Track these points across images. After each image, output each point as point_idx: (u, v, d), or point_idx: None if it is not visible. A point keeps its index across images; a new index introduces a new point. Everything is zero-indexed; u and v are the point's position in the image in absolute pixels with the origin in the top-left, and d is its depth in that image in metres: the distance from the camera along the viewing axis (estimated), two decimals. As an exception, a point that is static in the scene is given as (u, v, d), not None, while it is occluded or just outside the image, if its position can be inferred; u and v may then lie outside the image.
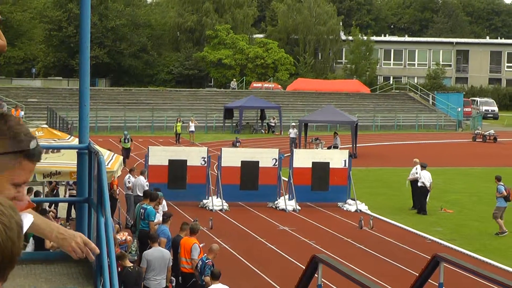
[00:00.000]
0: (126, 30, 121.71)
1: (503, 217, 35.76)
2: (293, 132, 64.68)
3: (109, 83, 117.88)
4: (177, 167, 39.14)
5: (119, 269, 15.28)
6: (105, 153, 21.57)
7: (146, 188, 31.68)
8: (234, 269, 20.37)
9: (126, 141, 50.74)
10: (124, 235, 24.36)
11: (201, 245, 21.79)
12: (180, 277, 21.79)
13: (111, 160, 27.17)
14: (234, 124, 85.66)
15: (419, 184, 39.16)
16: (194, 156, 40.40)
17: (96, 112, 76.75)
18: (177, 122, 72.60)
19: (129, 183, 33.32)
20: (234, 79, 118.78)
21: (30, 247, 20.76)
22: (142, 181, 32.80)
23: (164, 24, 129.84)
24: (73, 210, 31.58)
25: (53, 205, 32.35)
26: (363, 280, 21.70)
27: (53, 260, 10.28)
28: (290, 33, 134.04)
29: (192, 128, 72.55)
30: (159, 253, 20.19)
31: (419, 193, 39.28)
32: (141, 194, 31.16)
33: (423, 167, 39.77)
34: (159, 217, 25.77)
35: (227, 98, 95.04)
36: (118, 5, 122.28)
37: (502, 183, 35.24)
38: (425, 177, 38.99)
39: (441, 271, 23.49)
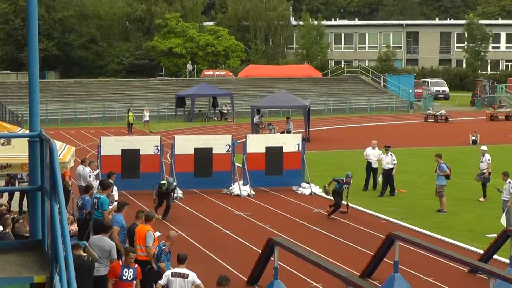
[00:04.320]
0: (74, 21, 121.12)
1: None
2: (256, 118, 64.65)
3: (59, 75, 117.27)
4: (130, 157, 39.06)
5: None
6: (57, 144, 21.47)
7: (89, 179, 31.71)
8: (191, 256, 20.43)
9: (167, 191, 33.38)
10: (75, 226, 24.35)
11: (156, 234, 21.77)
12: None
13: (63, 151, 27.09)
14: (187, 113, 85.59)
15: (386, 167, 39.54)
16: (147, 145, 40.37)
17: (47, 104, 76.31)
18: (128, 112, 72.52)
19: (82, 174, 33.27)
20: (190, 62, 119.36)
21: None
22: (85, 171, 32.66)
23: (113, 14, 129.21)
24: (25, 203, 31.52)
25: (7, 199, 32.14)
26: (319, 260, 21.89)
27: (6, 250, 10.29)
28: (240, 20, 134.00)
29: (147, 118, 72.72)
30: (100, 241, 20.16)
31: (387, 176, 39.63)
32: (85, 185, 31.21)
33: (387, 148, 40.20)
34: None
35: (179, 87, 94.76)
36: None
37: (443, 161, 35.71)
38: (387, 160, 39.42)
39: (396, 249, 23.76)
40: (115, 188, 28.80)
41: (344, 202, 34.19)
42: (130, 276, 17.85)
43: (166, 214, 32.40)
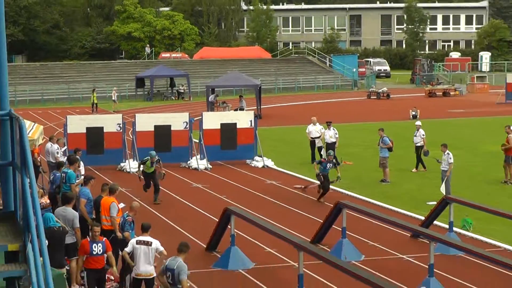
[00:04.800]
0: (38, 8, 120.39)
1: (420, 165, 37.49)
2: (211, 97, 64.70)
3: (25, 59, 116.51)
4: (94, 134, 39.17)
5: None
6: (26, 123, 21.42)
7: (57, 155, 31.71)
8: (154, 225, 20.47)
9: (154, 165, 31.22)
10: (46, 199, 24.22)
11: (120, 206, 21.81)
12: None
13: (32, 130, 27.07)
14: (146, 93, 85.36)
15: (329, 141, 39.75)
16: (110, 123, 40.50)
17: (15, 87, 76.07)
18: (93, 93, 72.31)
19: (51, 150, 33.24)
20: (148, 45, 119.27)
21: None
22: (54, 148, 32.68)
23: (75, 1, 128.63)
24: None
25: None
26: (273, 228, 21.98)
27: (-20, 221, 10.27)
28: (194, 5, 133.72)
29: (114, 98, 73.28)
30: (63, 212, 20.23)
31: (330, 149, 39.80)
32: (53, 161, 31.29)
33: (329, 123, 40.40)
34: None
35: (138, 69, 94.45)
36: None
37: (386, 135, 36.02)
38: (330, 135, 39.63)
39: (343, 216, 23.90)
40: (81, 163, 28.85)
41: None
42: (99, 251, 17.84)
43: (156, 193, 31.10)
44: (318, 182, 31.74)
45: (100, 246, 17.84)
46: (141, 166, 31.84)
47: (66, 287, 14.35)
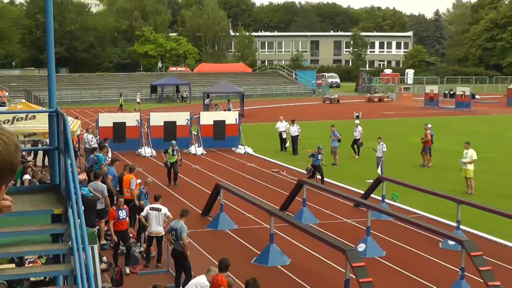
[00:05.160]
0: (78, 32, 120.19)
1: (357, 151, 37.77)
2: (207, 101, 64.74)
3: (68, 71, 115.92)
4: (119, 127, 39.23)
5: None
6: (68, 118, 21.48)
7: (91, 143, 31.75)
8: (163, 196, 20.55)
9: (174, 152, 29.87)
10: (83, 175, 24.21)
11: (137, 181, 21.84)
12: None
13: (72, 123, 27.13)
14: (158, 97, 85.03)
15: (293, 134, 39.88)
16: (131, 119, 40.54)
17: (60, 91, 75.46)
18: (120, 97, 73.05)
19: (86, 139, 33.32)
20: (160, 61, 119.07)
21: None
22: (89, 137, 32.75)
23: (106, 27, 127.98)
24: (46, 161, 31.33)
25: (32, 157, 31.92)
26: (251, 198, 22.04)
27: (34, 192, 10.30)
28: (195, 31, 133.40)
29: (138, 100, 73.45)
30: (95, 185, 20.32)
31: (294, 141, 39.93)
32: (88, 147, 31.38)
33: (293, 121, 40.49)
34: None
35: (152, 79, 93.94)
36: (72, 14, 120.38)
37: (336, 130, 36.32)
38: (293, 129, 39.73)
39: (304, 191, 23.98)
40: (109, 149, 28.90)
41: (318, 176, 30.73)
42: (124, 215, 17.94)
43: (175, 180, 29.53)
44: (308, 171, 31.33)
45: (123, 212, 17.95)
46: (165, 154, 30.52)
47: (97, 241, 14.34)
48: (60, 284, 9.37)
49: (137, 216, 19.77)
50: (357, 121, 40.25)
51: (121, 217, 17.82)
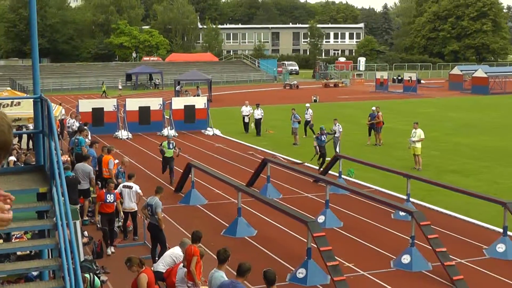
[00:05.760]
0: (59, 26, 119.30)
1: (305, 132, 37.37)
2: (178, 87, 64.43)
3: (50, 61, 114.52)
4: (98, 112, 38.81)
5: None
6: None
7: (73, 127, 31.38)
8: (137, 175, 20.39)
9: (170, 146, 26.56)
10: (65, 157, 23.89)
11: (115, 161, 21.63)
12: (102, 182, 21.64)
13: (54, 109, 26.67)
14: (133, 84, 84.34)
15: (257, 117, 39.77)
16: (108, 105, 40.24)
17: (42, 80, 74.48)
18: (102, 85, 72.84)
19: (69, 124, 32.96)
20: (134, 52, 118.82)
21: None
22: (71, 122, 32.40)
23: (84, 21, 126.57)
24: (30, 144, 30.93)
25: (17, 141, 31.41)
26: (219, 175, 21.94)
27: (20, 172, 10.14)
28: (166, 24, 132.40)
29: (120, 87, 74.27)
30: (83, 166, 20.06)
31: (257, 123, 39.85)
32: (71, 130, 31.07)
33: (257, 105, 40.40)
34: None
35: (128, 68, 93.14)
36: (53, 9, 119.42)
37: (296, 112, 36.33)
38: (257, 113, 39.64)
39: (268, 168, 23.95)
40: (89, 132, 28.57)
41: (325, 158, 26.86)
42: (112, 199, 17.48)
43: (171, 175, 25.95)
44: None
45: (112, 196, 17.48)
46: (160, 146, 27.98)
47: (79, 217, 14.17)
48: (45, 257, 9.27)
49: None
50: (307, 105, 40.16)
51: (108, 200, 17.30)
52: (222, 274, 10.59)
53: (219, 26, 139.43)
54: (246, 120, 41.13)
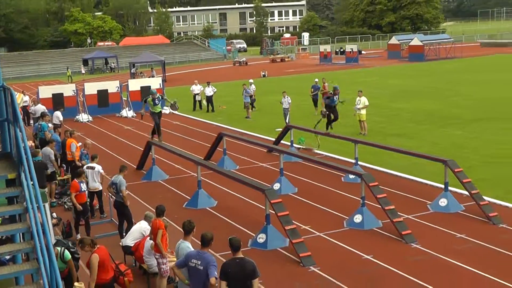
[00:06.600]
0: (13, 15, 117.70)
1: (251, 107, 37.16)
2: (133, 70, 63.86)
3: (7, 50, 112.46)
4: (58, 97, 38.00)
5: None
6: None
7: (37, 114, 30.75)
8: (100, 155, 20.15)
9: (156, 101, 24.87)
10: (30, 142, 23.46)
11: (78, 144, 21.31)
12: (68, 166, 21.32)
13: (16, 95, 26.16)
14: (90, 69, 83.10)
15: (208, 94, 39.55)
16: (67, 90, 39.51)
17: (1, 69, 73.18)
18: (67, 70, 72.54)
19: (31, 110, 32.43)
20: (89, 38, 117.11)
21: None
22: (35, 108, 31.73)
23: (38, 10, 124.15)
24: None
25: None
26: (178, 151, 21.81)
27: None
28: (117, 10, 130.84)
29: (83, 71, 75.09)
30: (44, 151, 19.77)
31: (209, 100, 39.64)
32: (35, 117, 30.43)
33: (208, 83, 40.18)
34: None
35: (84, 53, 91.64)
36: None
37: (247, 87, 36.23)
38: (209, 90, 39.45)
39: (224, 142, 23.91)
40: (51, 117, 28.08)
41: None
42: (85, 188, 16.71)
43: (158, 133, 24.90)
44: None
45: (85, 185, 16.82)
46: (145, 103, 27.39)
47: (47, 200, 13.95)
48: (18, 241, 9.12)
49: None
50: (250, 80, 40.04)
51: (83, 189, 16.60)
52: (188, 245, 10.57)
53: (169, 9, 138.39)
54: (198, 98, 40.91)
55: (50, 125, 25.51)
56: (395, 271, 12.97)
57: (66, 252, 11.69)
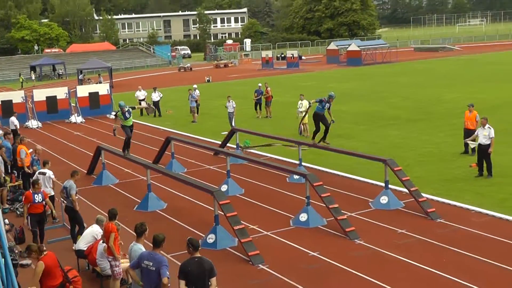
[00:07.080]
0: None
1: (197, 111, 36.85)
2: (80, 76, 62.90)
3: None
4: (7, 104, 37.31)
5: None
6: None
7: None
8: (52, 161, 19.76)
9: (127, 115, 21.49)
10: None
11: (29, 150, 20.85)
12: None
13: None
14: (38, 75, 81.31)
15: (155, 99, 39.24)
16: (17, 96, 38.95)
17: None
18: (20, 76, 72.42)
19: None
20: (36, 44, 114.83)
21: None
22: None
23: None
24: None
25: None
26: (129, 156, 21.53)
27: None
28: (64, 17, 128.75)
29: (33, 78, 73.58)
30: None
31: (156, 105, 39.31)
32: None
33: (155, 88, 39.89)
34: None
35: (31, 60, 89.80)
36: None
37: (192, 92, 36.19)
38: (155, 96, 39.15)
39: (172, 145, 23.76)
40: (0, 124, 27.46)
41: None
42: (40, 199, 15.89)
43: (128, 147, 21.90)
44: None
45: (40, 196, 15.91)
46: (116, 118, 23.73)
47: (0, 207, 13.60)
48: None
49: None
50: (194, 86, 39.89)
51: (37, 201, 15.37)
52: (141, 247, 10.45)
53: (114, 16, 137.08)
54: (144, 104, 40.46)
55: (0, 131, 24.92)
56: (340, 266, 13.09)
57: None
